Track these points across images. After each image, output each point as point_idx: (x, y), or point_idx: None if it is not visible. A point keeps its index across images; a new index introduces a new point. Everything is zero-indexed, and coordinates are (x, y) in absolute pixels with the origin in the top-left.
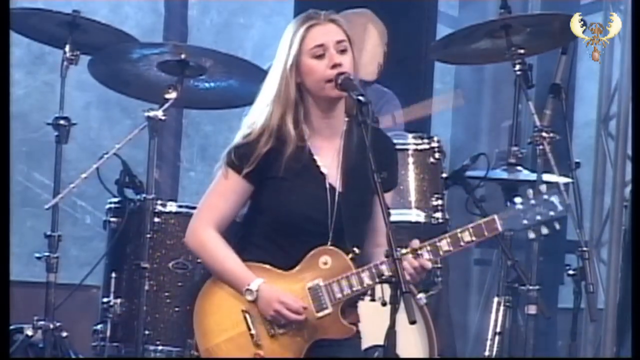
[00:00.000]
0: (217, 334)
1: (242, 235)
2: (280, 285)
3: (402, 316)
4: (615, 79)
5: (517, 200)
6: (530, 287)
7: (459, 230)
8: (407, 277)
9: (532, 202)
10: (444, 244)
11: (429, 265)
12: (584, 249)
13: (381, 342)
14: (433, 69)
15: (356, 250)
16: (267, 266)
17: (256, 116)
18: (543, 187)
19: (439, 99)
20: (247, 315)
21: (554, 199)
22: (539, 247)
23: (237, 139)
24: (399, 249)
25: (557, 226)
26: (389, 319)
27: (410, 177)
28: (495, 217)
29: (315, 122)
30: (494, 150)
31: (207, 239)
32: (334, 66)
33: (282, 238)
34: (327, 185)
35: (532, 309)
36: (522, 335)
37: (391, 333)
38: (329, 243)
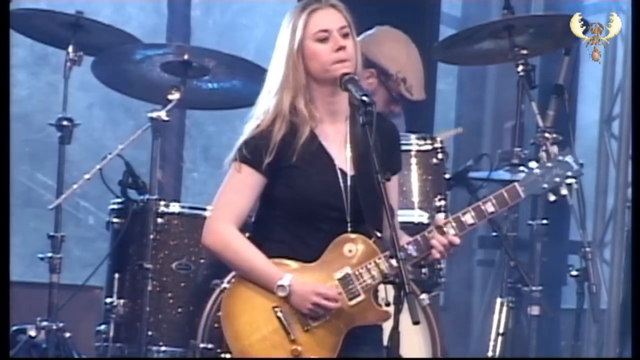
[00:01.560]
0: (249, 333)
1: (256, 232)
2: (307, 278)
3: (405, 317)
4: (618, 79)
5: (533, 164)
6: (533, 288)
7: (481, 201)
8: (437, 255)
9: (549, 164)
10: (469, 218)
11: (457, 240)
12: (587, 249)
13: (385, 343)
14: (436, 69)
15: (378, 233)
16: (290, 261)
17: (264, 106)
18: (555, 149)
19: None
20: (279, 312)
21: (569, 159)
22: (542, 248)
23: (247, 132)
24: (402, 249)
25: (575, 185)
26: (392, 319)
27: (414, 177)
28: (516, 184)
29: (320, 108)
30: (496, 151)
31: (230, 238)
32: (339, 49)
33: (300, 228)
34: (338, 171)
35: (535, 310)
36: (525, 336)
37: (395, 333)
38: (349, 228)
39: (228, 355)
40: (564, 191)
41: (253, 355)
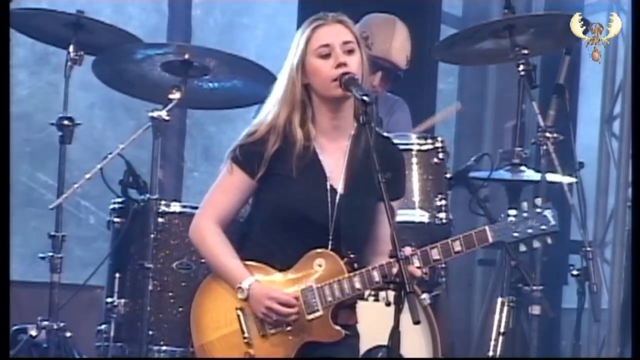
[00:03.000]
0: (211, 331)
1: (243, 231)
2: (275, 285)
3: (406, 316)
4: (619, 79)
5: (511, 212)
6: (534, 288)
7: (450, 239)
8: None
9: (525, 214)
10: (435, 253)
11: (419, 272)
12: (588, 249)
13: (385, 343)
14: (437, 69)
15: (352, 256)
16: (263, 265)
17: (264, 115)
18: (538, 201)
19: (440, 114)
20: (241, 314)
21: (547, 213)
22: (543, 248)
23: (242, 136)
24: (402, 249)
25: (549, 240)
26: (393, 319)
27: (414, 177)
28: (487, 228)
29: (322, 122)
30: (497, 150)
31: (207, 234)
32: (339, 65)
33: (280, 236)
34: (328, 187)
35: (535, 309)
36: (525, 336)
37: (395, 333)
38: (329, 245)
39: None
40: (536, 244)
41: (211, 353)
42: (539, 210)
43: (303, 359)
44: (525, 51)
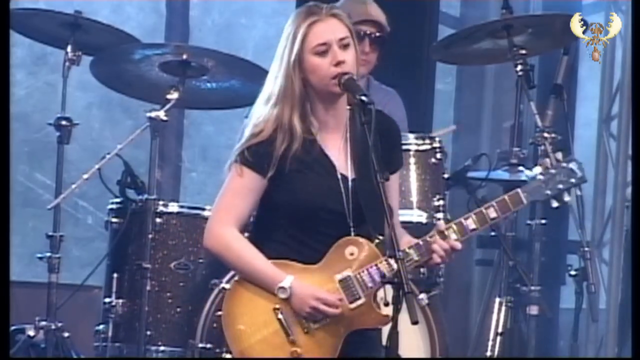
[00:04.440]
0: (249, 335)
1: (256, 233)
2: (308, 280)
3: (404, 317)
4: (617, 79)
5: (537, 170)
6: (532, 288)
7: (484, 207)
8: (438, 260)
9: (552, 171)
10: (470, 222)
11: (459, 245)
12: (586, 249)
13: (383, 343)
14: (435, 69)
15: (380, 236)
16: (292, 262)
17: (264, 114)
18: (559, 155)
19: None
20: (280, 314)
21: (573, 166)
22: (541, 248)
23: (248, 136)
24: (403, 252)
25: (578, 192)
26: (391, 319)
27: (412, 177)
28: (519, 190)
29: (321, 115)
30: (495, 150)
31: (231, 239)
32: (338, 63)
33: (301, 232)
34: (339, 176)
35: (533, 309)
36: (523, 336)
37: (393, 333)
38: (352, 232)
39: (228, 355)
40: (567, 197)
41: (254, 356)
42: (564, 164)
43: None
44: (523, 51)
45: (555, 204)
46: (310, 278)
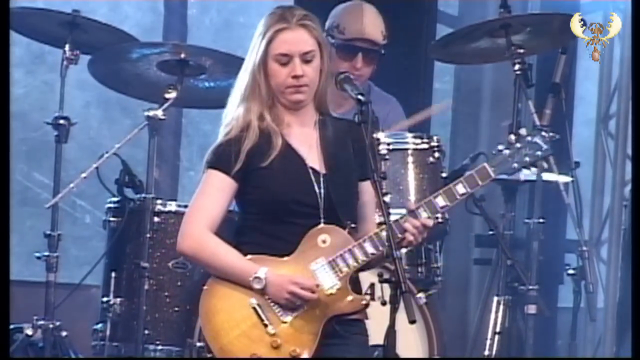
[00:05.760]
0: (228, 330)
1: (235, 235)
2: (283, 271)
3: (401, 316)
4: (615, 78)
5: (501, 147)
6: (530, 287)
7: (452, 184)
8: (411, 238)
9: (517, 145)
10: (440, 200)
11: (430, 222)
12: (584, 248)
13: (381, 342)
14: (433, 68)
15: (352, 224)
16: (265, 256)
17: (232, 113)
18: (523, 131)
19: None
20: (257, 307)
21: (538, 140)
22: (539, 247)
23: (219, 138)
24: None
25: (545, 165)
26: (388, 318)
27: (410, 176)
28: (485, 164)
29: (286, 116)
30: (493, 149)
31: (205, 239)
32: (295, 77)
33: (274, 226)
34: (310, 170)
35: (531, 309)
36: (521, 335)
37: (391, 332)
38: (322, 222)
39: (209, 355)
40: (545, 165)
41: (234, 352)
42: (528, 137)
43: (303, 359)
44: (521, 50)
45: (525, 173)
46: (285, 269)
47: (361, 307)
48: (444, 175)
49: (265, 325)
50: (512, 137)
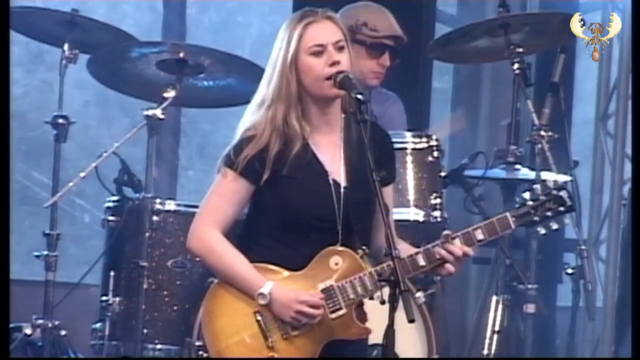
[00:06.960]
0: (227, 335)
1: (245, 234)
2: (290, 286)
3: (400, 315)
4: (614, 77)
5: (527, 196)
6: (529, 286)
7: (471, 228)
8: (451, 269)
9: (542, 198)
10: (457, 242)
11: (471, 252)
12: (583, 247)
13: (380, 341)
14: (431, 67)
15: (365, 249)
16: (275, 267)
17: (258, 118)
18: (550, 183)
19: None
20: (260, 317)
21: (563, 194)
22: (538, 246)
23: (240, 140)
24: (397, 248)
25: (566, 220)
26: (387, 317)
27: (409, 175)
28: (508, 214)
29: (314, 119)
30: (492, 148)
31: (214, 242)
32: (333, 64)
33: (289, 237)
34: (331, 182)
35: (530, 308)
36: (520, 334)
37: (390, 332)
38: (339, 240)
39: (205, 355)
40: (554, 225)
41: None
42: (554, 192)
43: (304, 359)
44: (520, 49)
45: (542, 230)
46: (293, 285)
47: (364, 335)
48: (443, 174)
49: (266, 338)
50: (538, 187)
